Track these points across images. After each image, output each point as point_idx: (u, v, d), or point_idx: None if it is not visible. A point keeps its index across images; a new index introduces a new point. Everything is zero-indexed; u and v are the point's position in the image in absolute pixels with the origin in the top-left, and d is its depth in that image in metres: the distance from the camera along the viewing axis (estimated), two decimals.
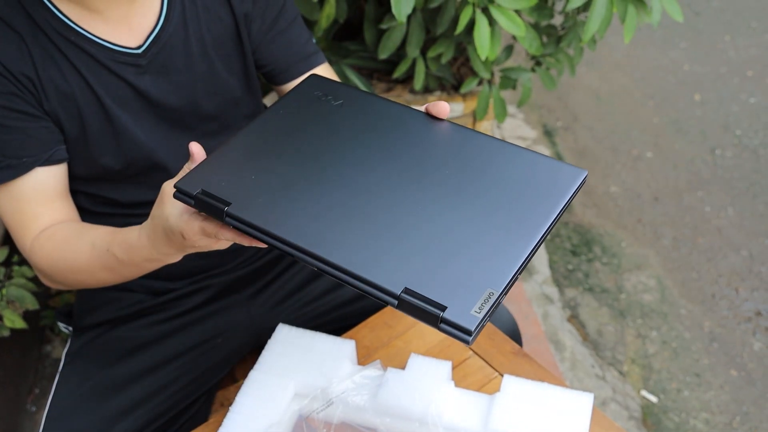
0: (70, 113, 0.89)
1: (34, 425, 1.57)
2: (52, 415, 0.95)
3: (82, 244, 0.84)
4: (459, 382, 0.94)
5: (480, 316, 0.53)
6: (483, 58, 1.36)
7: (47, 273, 0.89)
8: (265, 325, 1.09)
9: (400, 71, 1.60)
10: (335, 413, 0.85)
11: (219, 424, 0.87)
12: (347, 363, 0.90)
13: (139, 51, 0.90)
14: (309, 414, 0.86)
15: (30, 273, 1.33)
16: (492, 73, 1.62)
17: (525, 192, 0.63)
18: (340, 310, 1.11)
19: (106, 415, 0.95)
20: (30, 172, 0.87)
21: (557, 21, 1.77)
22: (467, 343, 0.53)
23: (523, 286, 1.92)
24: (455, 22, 1.49)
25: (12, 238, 1.27)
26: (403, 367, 0.93)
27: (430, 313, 0.54)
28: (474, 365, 0.97)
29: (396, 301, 0.55)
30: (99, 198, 0.98)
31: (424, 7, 1.47)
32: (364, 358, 0.97)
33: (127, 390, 0.98)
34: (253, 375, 0.89)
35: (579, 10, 1.58)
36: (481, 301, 0.54)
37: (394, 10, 1.27)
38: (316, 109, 0.72)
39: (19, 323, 1.28)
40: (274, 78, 1.04)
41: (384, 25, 1.48)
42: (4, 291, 1.29)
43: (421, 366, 0.89)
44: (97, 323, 1.05)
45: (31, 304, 1.30)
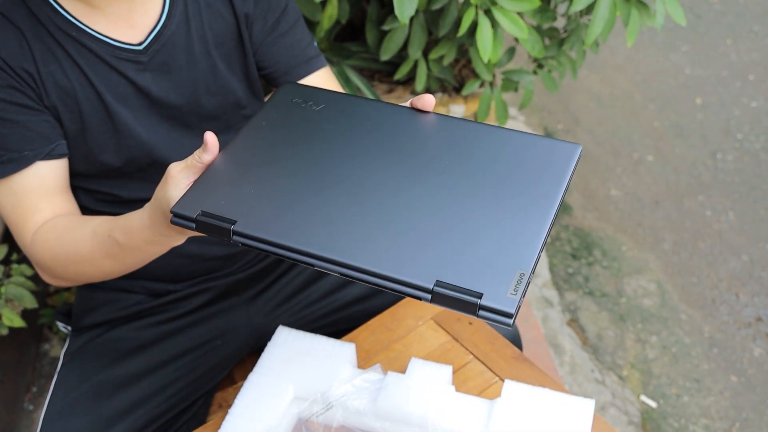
0: (70, 109, 0.89)
1: (31, 424, 1.57)
2: (50, 416, 0.95)
3: (83, 232, 0.83)
4: (459, 386, 0.93)
5: (517, 298, 0.54)
6: (485, 60, 1.36)
7: (48, 266, 0.88)
8: (264, 328, 1.08)
9: (401, 73, 1.59)
10: (335, 417, 0.85)
11: (218, 426, 0.87)
12: (347, 366, 0.90)
13: (141, 47, 0.90)
14: (308, 417, 0.85)
15: (29, 271, 1.33)
16: (494, 75, 1.62)
17: (528, 172, 0.63)
18: (340, 312, 1.11)
19: (104, 416, 0.94)
20: (31, 166, 0.86)
21: (560, 23, 1.77)
22: (509, 326, 0.53)
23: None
24: (457, 24, 1.49)
25: (12, 236, 1.26)
26: (403, 371, 0.92)
27: (468, 302, 0.54)
28: (474, 369, 0.97)
29: (429, 296, 0.55)
30: (99, 194, 0.98)
31: (427, 9, 1.47)
32: (364, 362, 0.97)
33: (126, 391, 0.97)
34: (253, 377, 0.89)
35: (582, 13, 1.58)
36: (514, 283, 0.55)
37: (396, 12, 1.26)
38: (299, 116, 0.71)
39: (18, 322, 1.27)
40: (275, 81, 1.04)
41: (386, 27, 1.48)
42: (3, 289, 1.28)
43: (422, 370, 0.89)
44: (96, 324, 1.04)
45: (30, 302, 1.29)
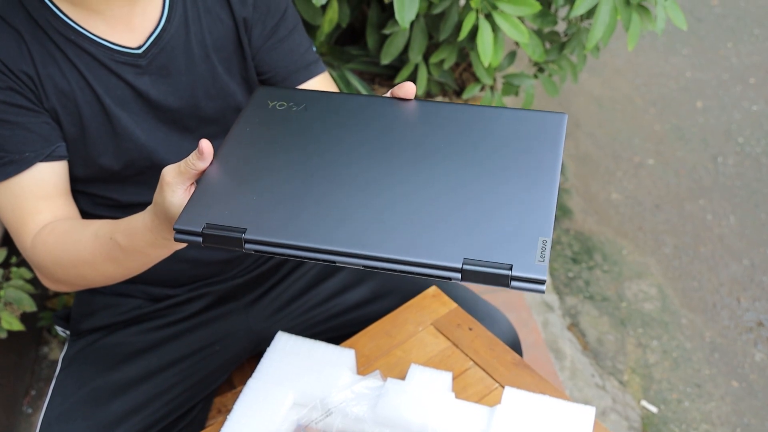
0: (69, 112, 0.88)
1: (30, 427, 1.56)
2: (48, 421, 0.95)
3: (84, 235, 0.82)
4: (459, 393, 0.93)
5: (545, 264, 0.55)
6: (486, 64, 1.36)
7: (49, 270, 0.88)
8: (263, 333, 1.08)
9: (402, 76, 1.59)
10: (334, 423, 0.84)
11: (216, 431, 0.86)
12: (347, 372, 0.90)
13: (140, 51, 0.89)
14: (307, 424, 0.85)
15: (28, 275, 1.32)
16: (494, 79, 1.62)
17: (523, 145, 0.65)
18: (339, 317, 1.10)
19: (102, 421, 0.94)
20: (31, 168, 0.86)
21: (560, 27, 1.76)
22: (542, 292, 0.55)
23: (523, 293, 1.92)
24: (458, 28, 1.48)
25: (11, 240, 1.26)
26: (403, 377, 0.92)
27: (499, 275, 0.55)
28: (474, 376, 0.96)
29: (459, 275, 0.56)
30: (98, 198, 0.97)
31: (427, 13, 1.47)
32: (363, 368, 0.96)
33: (124, 396, 0.97)
34: (252, 383, 0.88)
35: (582, 17, 1.57)
36: (539, 250, 0.56)
37: (397, 16, 1.26)
38: (282, 117, 0.71)
39: (17, 325, 1.27)
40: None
41: (387, 31, 1.48)
42: (2, 293, 1.28)
43: (422, 377, 0.88)
44: (95, 328, 1.04)
45: (29, 306, 1.29)
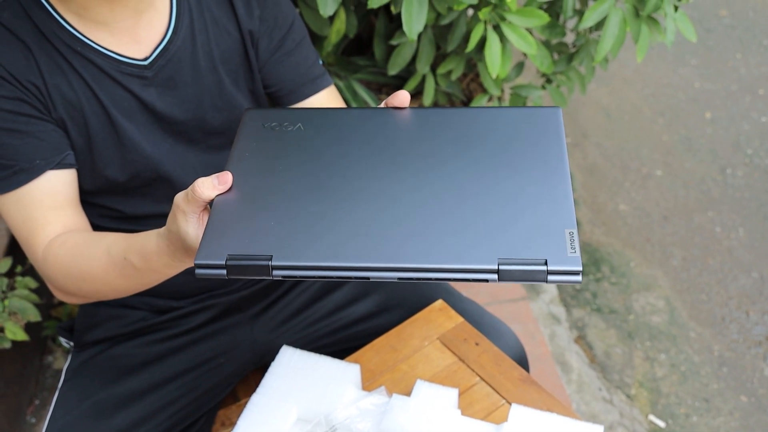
0: (76, 122, 0.88)
1: None
2: None
3: (96, 250, 0.81)
4: (465, 409, 0.92)
5: (577, 254, 0.57)
6: (494, 76, 1.35)
7: (60, 283, 0.87)
8: (268, 345, 1.07)
9: (409, 87, 1.58)
10: None
11: None
12: (351, 388, 0.89)
13: (146, 63, 0.89)
14: None
15: (33, 284, 1.32)
16: (502, 90, 1.61)
17: (526, 141, 0.66)
18: (345, 331, 1.09)
19: None
20: (41, 177, 0.86)
21: (569, 38, 1.76)
22: (579, 282, 0.57)
23: (530, 305, 1.90)
24: (466, 39, 1.48)
25: (17, 249, 1.26)
26: (408, 393, 0.91)
27: (536, 271, 0.57)
28: (480, 392, 0.95)
29: (496, 276, 0.57)
30: (103, 209, 0.97)
31: (435, 24, 1.46)
32: (368, 382, 0.96)
33: (127, 409, 0.96)
34: (256, 398, 0.88)
35: (591, 29, 1.57)
36: (569, 242, 0.58)
37: (405, 28, 1.26)
38: (279, 138, 0.70)
39: (21, 335, 1.26)
40: (280, 100, 1.03)
41: (394, 41, 1.47)
42: (7, 302, 1.28)
43: (427, 393, 0.87)
44: (99, 340, 1.03)
45: (33, 316, 1.28)
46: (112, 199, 0.96)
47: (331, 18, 1.45)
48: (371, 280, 0.58)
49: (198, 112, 0.95)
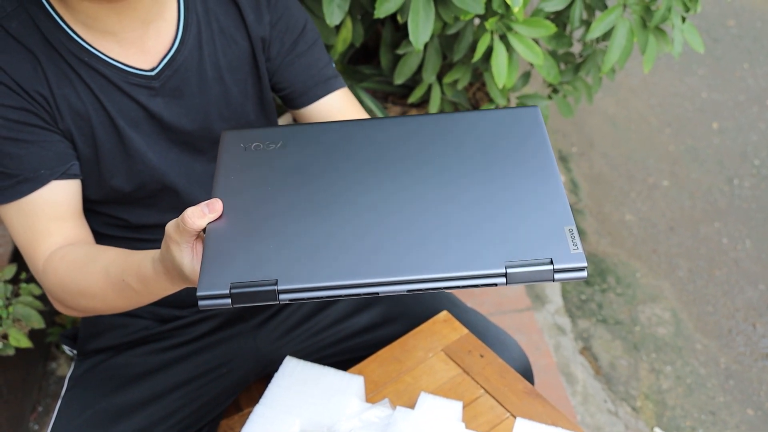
0: (83, 132, 0.88)
1: None
2: None
3: (95, 268, 0.81)
4: (469, 422, 0.91)
5: (580, 250, 0.58)
6: (500, 86, 1.35)
7: (59, 297, 0.87)
8: (271, 355, 1.07)
9: (415, 96, 1.58)
10: None
11: None
12: (355, 400, 0.88)
13: (153, 73, 0.89)
14: None
15: (38, 291, 1.32)
16: (508, 100, 1.61)
17: (511, 144, 0.67)
18: (348, 341, 1.09)
19: None
20: (45, 187, 0.85)
21: (575, 48, 1.75)
22: (585, 278, 0.58)
23: (535, 315, 1.89)
24: (472, 48, 1.48)
25: (21, 255, 1.25)
26: (412, 405, 0.90)
27: (543, 271, 0.57)
28: (485, 404, 0.94)
29: (504, 279, 0.58)
30: (109, 218, 0.97)
31: (442, 33, 1.46)
32: (372, 394, 0.95)
33: (130, 419, 0.96)
34: (259, 410, 0.87)
35: (598, 40, 1.56)
36: (570, 239, 0.59)
37: (411, 38, 1.26)
38: (263, 159, 0.69)
39: (25, 342, 1.26)
40: (292, 101, 1.03)
41: (401, 51, 1.47)
42: (11, 309, 1.28)
43: (431, 406, 0.87)
44: (102, 348, 1.03)
45: (37, 323, 1.28)
46: (118, 209, 0.96)
47: (338, 27, 1.45)
48: (380, 295, 0.58)
49: (205, 123, 0.95)
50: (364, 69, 1.67)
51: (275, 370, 0.93)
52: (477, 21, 1.46)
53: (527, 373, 1.09)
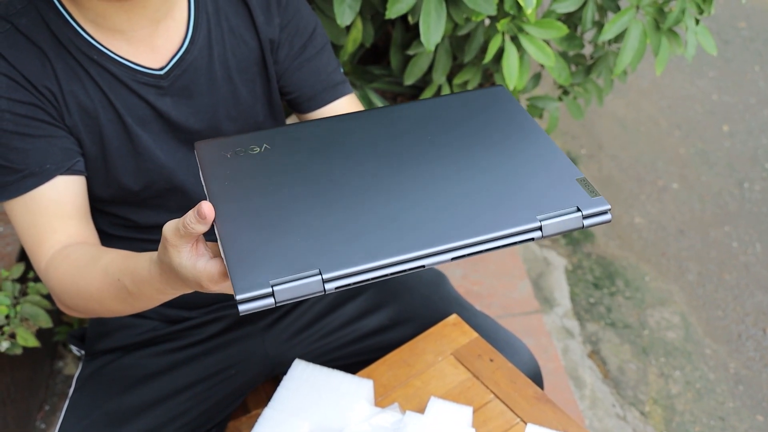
0: (91, 130, 0.88)
1: None
2: None
3: (94, 269, 0.80)
4: (479, 427, 0.90)
5: (600, 195, 0.62)
6: (511, 87, 1.34)
7: (60, 297, 0.86)
8: (279, 357, 1.06)
9: (425, 97, 1.57)
10: None
11: None
12: (364, 404, 0.87)
13: (161, 72, 0.89)
14: None
15: (45, 290, 1.31)
16: (519, 101, 1.60)
17: (492, 119, 0.70)
18: (357, 344, 1.08)
19: None
20: (50, 182, 0.85)
21: (587, 49, 1.74)
22: (610, 220, 0.61)
23: (543, 318, 1.88)
24: (483, 49, 1.47)
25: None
26: (421, 409, 0.90)
27: (573, 219, 0.61)
28: (495, 410, 0.93)
29: (540, 233, 0.60)
30: (117, 219, 0.97)
31: (452, 34, 1.45)
32: (381, 398, 0.94)
33: (137, 420, 0.95)
34: (267, 413, 0.87)
35: (610, 42, 1.55)
36: (585, 187, 0.63)
37: (423, 39, 1.25)
38: (253, 162, 0.67)
39: (32, 342, 1.26)
40: (299, 106, 1.02)
41: (411, 51, 1.47)
42: (19, 308, 1.27)
43: (441, 411, 0.86)
44: (110, 349, 1.03)
45: (45, 322, 1.28)
46: (126, 209, 0.96)
47: (348, 27, 1.44)
48: (425, 268, 0.59)
49: (213, 122, 0.94)
50: (374, 69, 1.66)
51: (283, 372, 0.92)
52: (488, 22, 1.45)
53: (537, 378, 1.08)
